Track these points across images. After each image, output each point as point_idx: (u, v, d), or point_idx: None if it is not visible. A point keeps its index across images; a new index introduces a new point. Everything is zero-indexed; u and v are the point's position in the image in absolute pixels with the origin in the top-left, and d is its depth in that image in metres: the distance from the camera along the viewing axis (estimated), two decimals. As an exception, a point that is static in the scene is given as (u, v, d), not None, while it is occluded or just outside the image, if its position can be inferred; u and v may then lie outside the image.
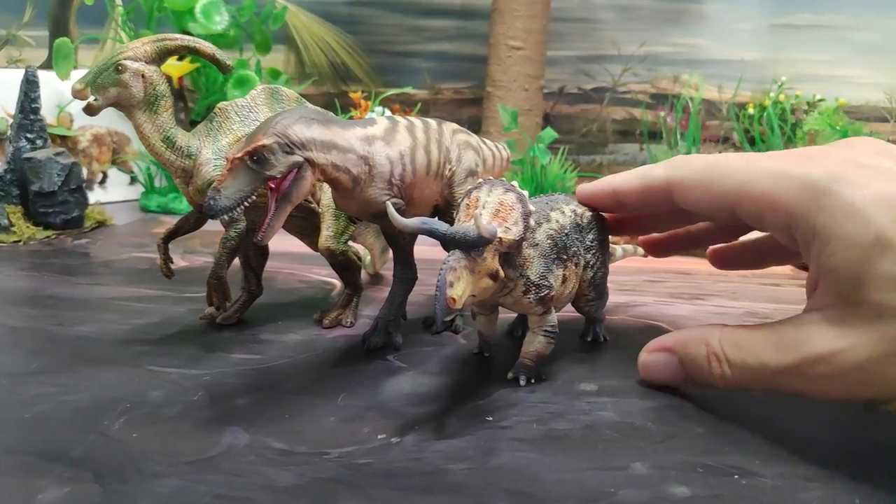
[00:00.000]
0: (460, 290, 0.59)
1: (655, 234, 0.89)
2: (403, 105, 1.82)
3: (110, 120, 1.63)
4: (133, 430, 0.62)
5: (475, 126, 1.85)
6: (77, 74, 1.53)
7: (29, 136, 1.39)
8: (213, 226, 0.92)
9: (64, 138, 1.61)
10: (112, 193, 1.74)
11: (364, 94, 1.66)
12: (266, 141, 0.63)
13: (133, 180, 1.76)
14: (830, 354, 0.55)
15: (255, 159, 0.63)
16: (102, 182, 1.73)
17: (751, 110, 1.69)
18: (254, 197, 0.65)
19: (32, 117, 1.39)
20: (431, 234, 0.60)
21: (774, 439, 0.64)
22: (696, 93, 1.76)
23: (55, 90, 1.54)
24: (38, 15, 2.03)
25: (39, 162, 1.34)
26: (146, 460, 0.58)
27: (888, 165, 0.55)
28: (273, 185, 0.65)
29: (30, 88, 1.38)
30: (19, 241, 1.29)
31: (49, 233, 1.35)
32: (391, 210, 0.60)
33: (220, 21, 1.52)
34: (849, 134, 1.49)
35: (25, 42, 2.01)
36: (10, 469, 0.56)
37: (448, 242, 0.60)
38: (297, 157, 0.65)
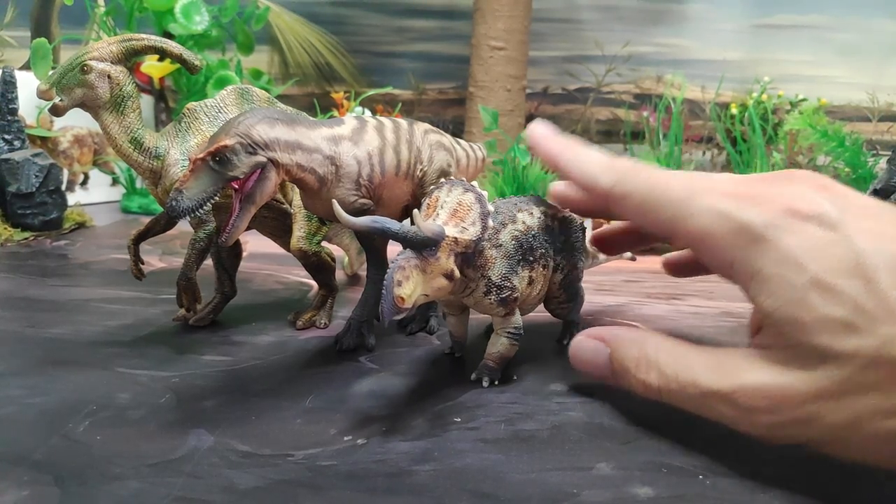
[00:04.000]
0: (409, 289, 0.59)
1: (606, 229, 0.86)
2: (387, 105, 1.82)
3: (91, 121, 1.62)
4: (97, 433, 0.62)
5: (459, 126, 1.85)
6: (56, 75, 1.52)
7: (6, 137, 1.38)
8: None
9: (44, 139, 1.60)
10: (93, 195, 1.73)
11: (347, 94, 1.66)
12: (228, 141, 0.62)
13: (115, 181, 1.75)
14: (770, 388, 0.54)
15: (217, 160, 0.62)
16: (84, 183, 1.72)
17: (733, 110, 1.70)
18: (217, 198, 0.64)
19: (10, 118, 1.38)
20: (383, 233, 0.59)
21: (740, 440, 0.63)
22: (679, 93, 1.76)
23: (35, 91, 1.53)
24: (21, 15, 2.01)
25: (17, 163, 1.34)
26: (108, 463, 0.57)
27: (825, 208, 0.55)
28: (237, 186, 0.65)
29: (7, 89, 1.37)
30: (-4, 242, 1.28)
31: (27, 234, 1.34)
32: (338, 208, 0.59)
33: (201, 21, 1.51)
34: (829, 134, 1.49)
35: (7, 42, 2.00)
36: (-31, 473, 0.55)
37: (400, 241, 0.60)
38: (261, 158, 0.64)
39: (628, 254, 0.98)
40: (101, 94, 0.76)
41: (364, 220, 0.60)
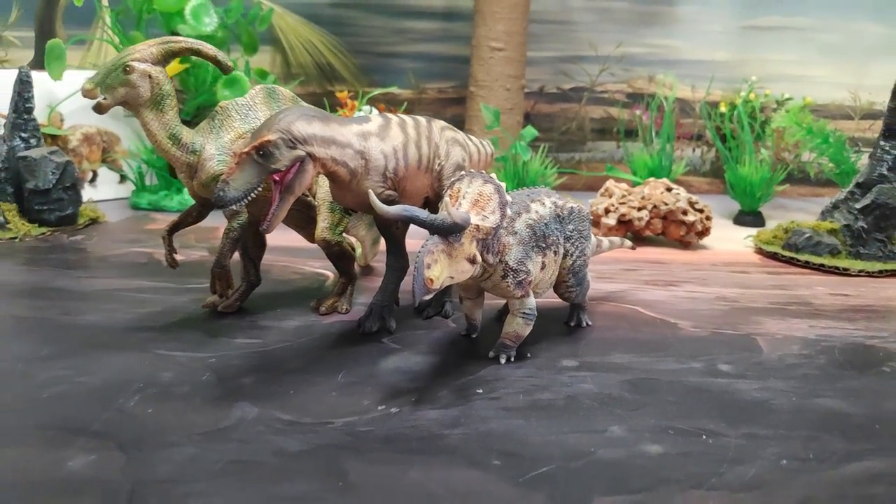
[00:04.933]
0: (437, 271, 0.65)
1: None
2: (389, 104, 1.87)
3: (100, 119, 1.66)
4: (148, 407, 0.67)
5: (459, 124, 1.90)
6: (69, 75, 1.56)
7: (23, 135, 1.42)
8: (208, 221, 0.97)
9: (54, 137, 1.64)
10: (102, 192, 1.77)
11: (350, 93, 1.70)
12: (271, 136, 0.68)
13: (123, 179, 1.78)
14: None
15: (261, 154, 0.68)
16: (93, 181, 1.76)
17: (722, 109, 1.77)
18: (259, 189, 0.70)
19: (26, 117, 1.42)
20: (412, 220, 0.65)
21: (738, 406, 0.70)
22: (671, 92, 1.83)
23: (45, 90, 1.56)
24: (25, 15, 2.04)
25: (34, 160, 1.37)
26: (162, 432, 0.62)
27: None
28: (277, 178, 0.70)
29: (23, 88, 1.41)
30: (15, 237, 1.32)
31: (44, 230, 1.38)
32: (373, 198, 0.65)
33: (210, 23, 1.56)
34: (813, 131, 1.57)
35: (11, 42, 2.03)
36: (36, 442, 0.60)
37: (428, 228, 0.66)
38: (300, 152, 0.70)
39: (629, 243, 1.04)
40: (143, 93, 0.81)
41: (396, 209, 0.66)
